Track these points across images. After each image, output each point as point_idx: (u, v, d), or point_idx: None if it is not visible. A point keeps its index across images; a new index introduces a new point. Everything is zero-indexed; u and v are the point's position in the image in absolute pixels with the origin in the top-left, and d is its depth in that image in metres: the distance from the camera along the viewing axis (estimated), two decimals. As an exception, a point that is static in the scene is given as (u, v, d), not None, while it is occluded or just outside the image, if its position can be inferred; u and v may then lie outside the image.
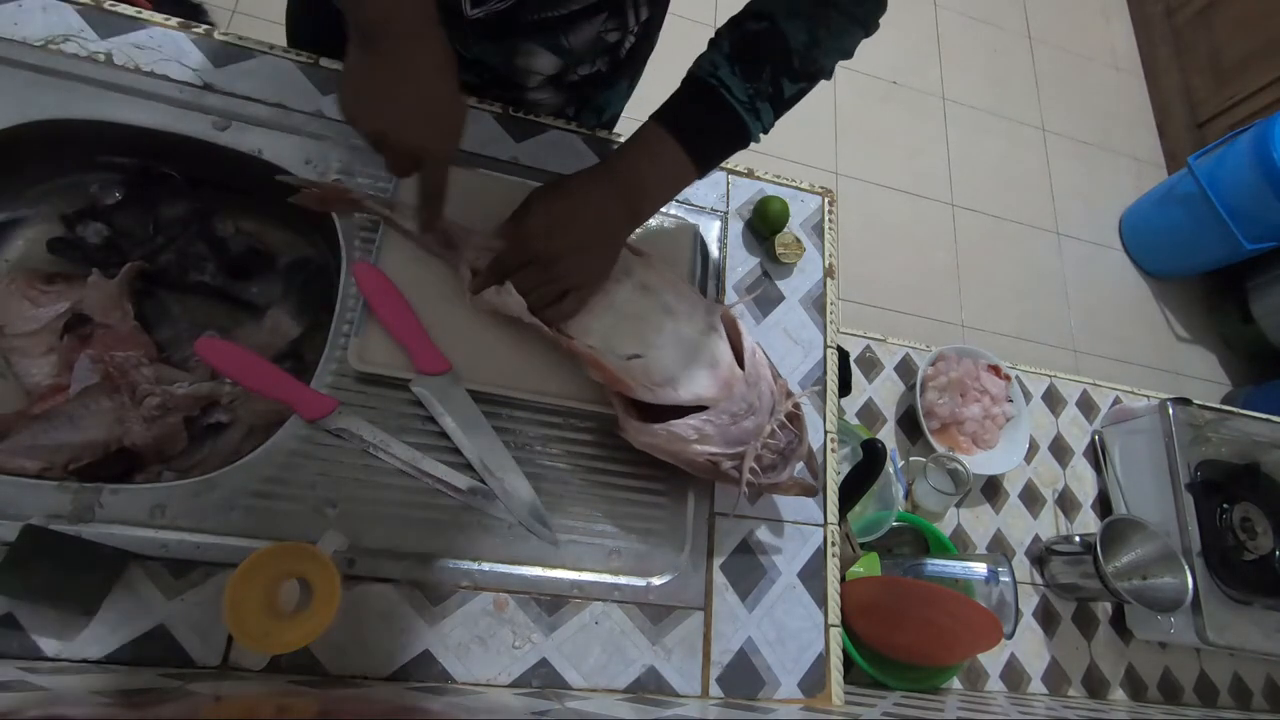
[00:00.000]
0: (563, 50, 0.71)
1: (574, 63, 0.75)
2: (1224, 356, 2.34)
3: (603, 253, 0.61)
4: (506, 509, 0.60)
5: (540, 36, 0.69)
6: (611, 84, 0.84)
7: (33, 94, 0.62)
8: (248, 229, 0.73)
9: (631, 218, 0.61)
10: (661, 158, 0.59)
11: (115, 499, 0.53)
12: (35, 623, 0.49)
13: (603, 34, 0.71)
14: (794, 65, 0.58)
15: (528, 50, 0.71)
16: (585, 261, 0.60)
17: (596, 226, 0.59)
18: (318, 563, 0.51)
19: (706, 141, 0.59)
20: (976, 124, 2.36)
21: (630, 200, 0.60)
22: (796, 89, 0.60)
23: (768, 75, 0.57)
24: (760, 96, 0.58)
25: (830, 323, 0.78)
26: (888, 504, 0.99)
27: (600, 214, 0.59)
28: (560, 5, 0.66)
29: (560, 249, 0.58)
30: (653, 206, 0.62)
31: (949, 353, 1.14)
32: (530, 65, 0.73)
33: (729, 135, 0.60)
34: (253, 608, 0.50)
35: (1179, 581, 0.99)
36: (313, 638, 0.50)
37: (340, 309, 0.62)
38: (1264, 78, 2.28)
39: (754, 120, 0.59)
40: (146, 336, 0.66)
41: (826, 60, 0.59)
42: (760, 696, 0.62)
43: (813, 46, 0.57)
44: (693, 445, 0.58)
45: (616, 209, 0.60)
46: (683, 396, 0.59)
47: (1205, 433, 1.13)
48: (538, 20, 0.67)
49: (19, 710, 0.35)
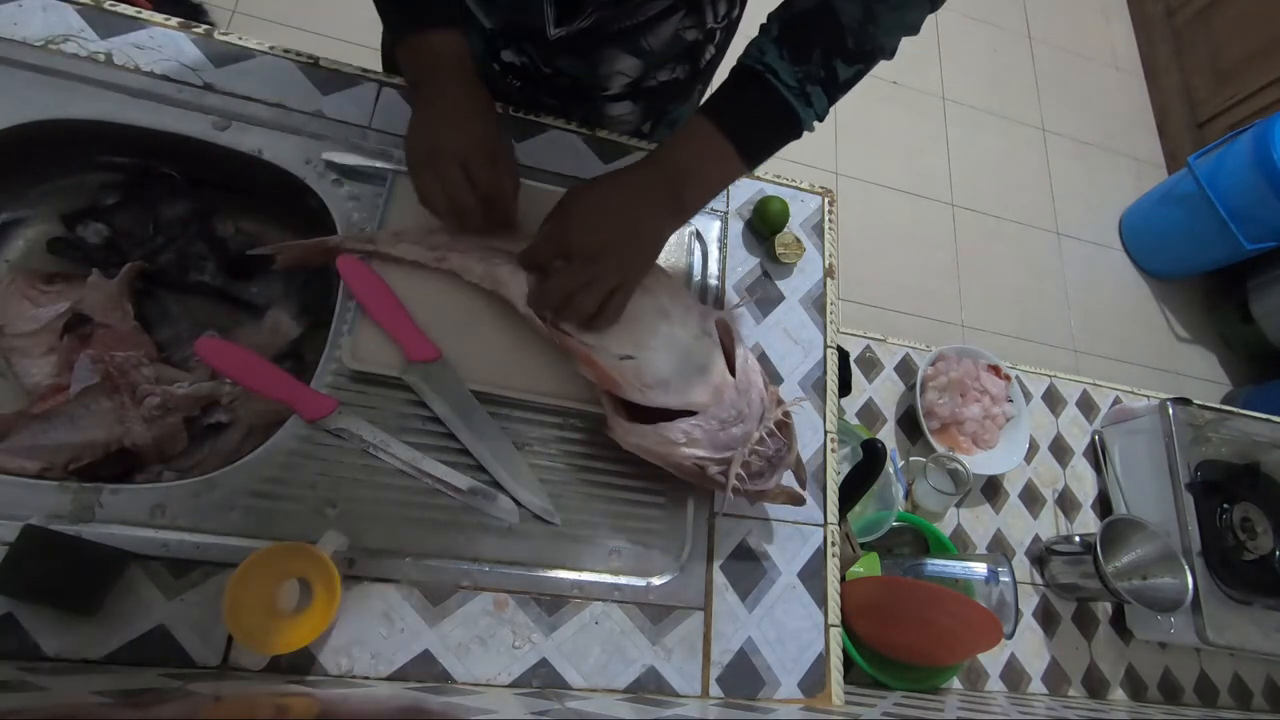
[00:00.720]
0: (644, 52, 0.72)
1: (655, 64, 0.75)
2: (1224, 356, 2.34)
3: (644, 247, 0.59)
4: (508, 494, 0.60)
5: (622, 42, 0.70)
6: (688, 94, 0.84)
7: (33, 94, 0.62)
8: (248, 229, 0.73)
9: (676, 212, 0.59)
10: (706, 150, 0.56)
11: (115, 499, 0.53)
12: (35, 623, 0.49)
13: (681, 32, 0.71)
14: (848, 45, 0.54)
15: (610, 57, 0.72)
16: (626, 256, 0.57)
17: (639, 221, 0.57)
18: (318, 563, 0.51)
19: (753, 131, 0.56)
20: (976, 124, 2.36)
21: (674, 194, 0.58)
22: (852, 71, 0.55)
23: (818, 57, 0.54)
24: (810, 80, 0.54)
25: (830, 323, 0.78)
26: (888, 504, 0.99)
27: (643, 208, 0.57)
28: (639, 13, 0.67)
29: (601, 243, 0.56)
30: (698, 200, 0.60)
31: (949, 353, 1.14)
32: (612, 69, 0.74)
33: (777, 123, 0.56)
34: (253, 608, 0.50)
35: (1179, 581, 0.99)
36: (313, 638, 0.50)
37: (340, 309, 0.62)
38: (1264, 78, 2.28)
39: (804, 106, 0.55)
40: (146, 336, 0.66)
41: (885, 38, 0.55)
42: (760, 696, 0.62)
43: (868, 22, 0.53)
44: (680, 449, 0.58)
45: (660, 203, 0.58)
46: (672, 401, 0.59)
47: (1205, 433, 1.13)
48: (618, 30, 0.68)
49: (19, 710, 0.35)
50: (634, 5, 0.66)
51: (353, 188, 0.67)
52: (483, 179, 0.58)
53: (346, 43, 1.77)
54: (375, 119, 0.71)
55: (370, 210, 0.66)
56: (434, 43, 0.58)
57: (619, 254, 0.57)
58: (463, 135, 0.58)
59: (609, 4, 0.65)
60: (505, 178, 0.60)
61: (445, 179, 0.57)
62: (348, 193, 0.67)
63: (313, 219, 0.67)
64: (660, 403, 0.59)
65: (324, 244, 0.64)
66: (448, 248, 0.63)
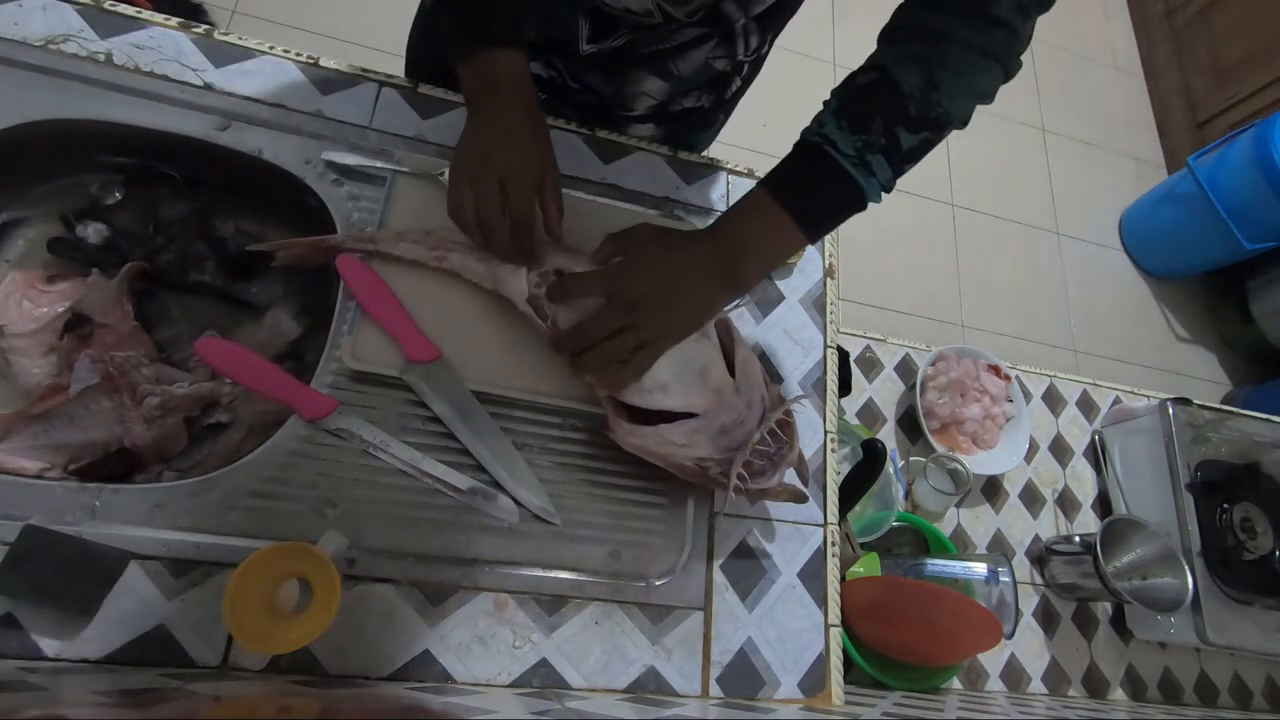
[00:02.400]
0: (672, 76, 0.72)
1: (681, 90, 0.75)
2: (1224, 356, 2.34)
3: (690, 311, 0.57)
4: (508, 494, 0.60)
5: (651, 64, 0.71)
6: (710, 123, 0.84)
7: (33, 94, 0.62)
8: (248, 229, 0.73)
9: (728, 286, 0.58)
10: (764, 221, 0.56)
11: (115, 499, 0.53)
12: (35, 623, 0.49)
13: (711, 61, 0.71)
14: (909, 112, 0.53)
15: (638, 78, 0.73)
16: (667, 315, 0.56)
17: (687, 282, 0.56)
18: (318, 563, 0.51)
19: (811, 202, 0.56)
20: (976, 124, 2.33)
21: (729, 269, 0.57)
22: (918, 140, 0.54)
23: (879, 126, 0.53)
24: (871, 149, 0.53)
25: (830, 323, 0.78)
26: (888, 504, 0.99)
27: (694, 276, 0.56)
28: (671, 38, 0.67)
29: (643, 295, 0.55)
30: (755, 272, 0.59)
31: (949, 353, 1.14)
32: (639, 90, 0.74)
33: (837, 194, 0.55)
34: (253, 608, 0.50)
35: (1179, 581, 0.99)
36: (313, 638, 0.50)
37: (340, 309, 0.62)
38: (1264, 78, 2.28)
39: (865, 176, 0.54)
40: (146, 336, 0.66)
41: (951, 105, 0.53)
42: (760, 696, 0.62)
43: (930, 89, 0.52)
44: (681, 450, 0.58)
45: (713, 275, 0.56)
46: (673, 403, 0.59)
47: (1205, 433, 1.13)
48: (649, 52, 0.68)
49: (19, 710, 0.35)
50: (668, 30, 0.66)
51: (353, 188, 0.67)
52: (521, 200, 0.56)
53: (346, 42, 1.77)
54: (375, 119, 0.71)
55: (370, 210, 0.66)
56: (499, 61, 0.57)
57: (660, 309, 0.55)
58: (513, 153, 0.56)
59: (644, 27, 0.65)
60: (549, 203, 0.58)
61: (480, 193, 0.56)
62: (348, 193, 0.67)
63: (313, 219, 0.67)
64: (660, 405, 0.59)
65: (324, 242, 0.64)
66: (448, 248, 0.63)
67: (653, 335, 0.56)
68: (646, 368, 0.57)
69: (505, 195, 0.56)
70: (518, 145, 0.57)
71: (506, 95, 0.57)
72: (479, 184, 0.56)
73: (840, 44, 2.29)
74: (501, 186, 0.56)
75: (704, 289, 0.57)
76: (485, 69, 0.57)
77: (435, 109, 0.73)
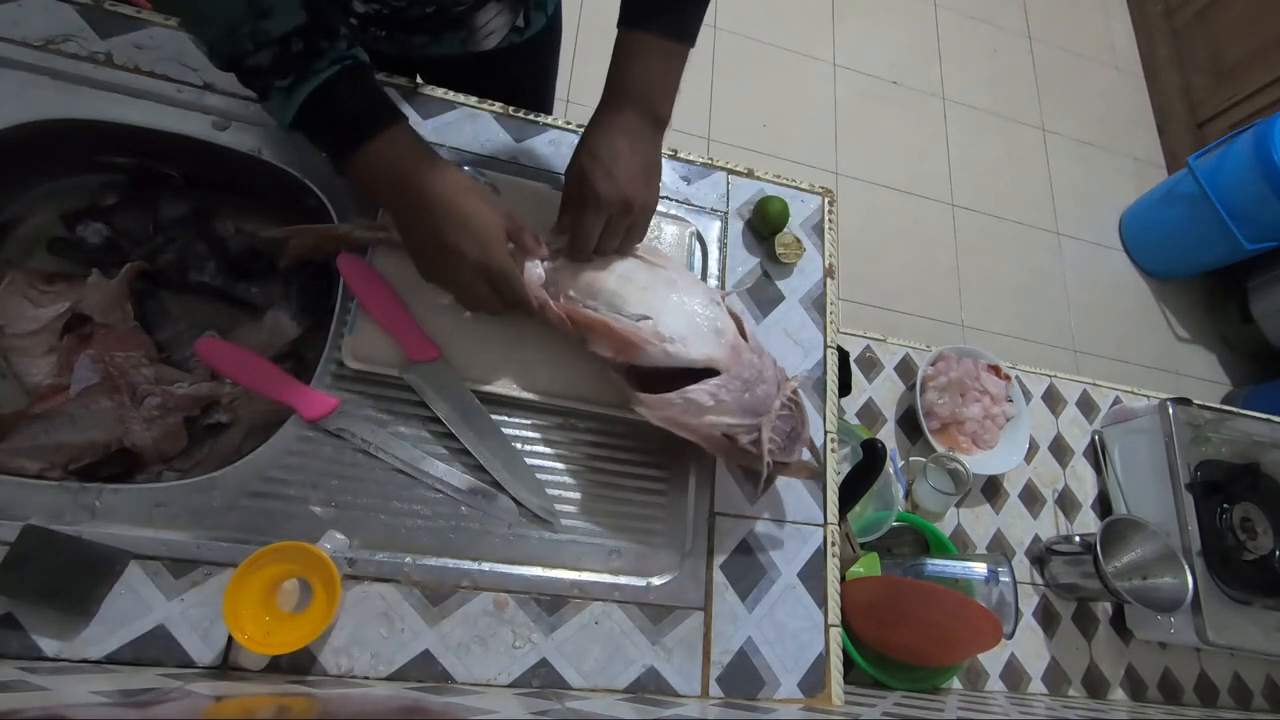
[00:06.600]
0: None
1: None
2: (1224, 356, 2.34)
3: (645, 164, 0.61)
4: (508, 494, 0.60)
5: None
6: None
7: (33, 94, 0.62)
8: (248, 229, 0.73)
9: (659, 128, 0.62)
10: (652, 60, 0.60)
11: (115, 499, 0.53)
12: (35, 623, 0.49)
13: None
14: None
15: None
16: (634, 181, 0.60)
17: (639, 154, 0.60)
18: (318, 563, 0.51)
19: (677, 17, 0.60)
20: (976, 124, 2.36)
21: (651, 117, 0.61)
22: None
23: None
24: None
25: (830, 323, 0.78)
26: (888, 504, 0.99)
27: (635, 143, 0.60)
28: None
29: (611, 190, 0.59)
30: (667, 104, 0.62)
31: (949, 353, 1.14)
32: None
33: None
34: (253, 608, 0.50)
35: (1179, 581, 0.99)
36: (313, 638, 0.50)
37: (340, 308, 0.62)
38: (1264, 78, 2.28)
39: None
40: (146, 336, 0.66)
41: None
42: (760, 696, 0.62)
43: None
44: (709, 415, 0.58)
45: (644, 133, 0.61)
46: (694, 354, 0.59)
47: (1205, 433, 1.13)
48: None
49: (19, 710, 0.35)
50: None
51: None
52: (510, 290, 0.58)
53: (346, 43, 1.77)
54: (375, 119, 0.70)
55: (370, 210, 0.66)
56: (396, 142, 0.54)
57: (627, 181, 0.59)
58: (471, 239, 0.55)
59: None
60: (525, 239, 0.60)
61: (469, 296, 0.58)
62: (348, 192, 0.67)
63: (312, 219, 0.67)
64: (682, 357, 0.59)
65: (334, 230, 0.64)
66: None
67: (638, 201, 0.60)
68: (645, 230, 0.63)
69: (491, 284, 0.57)
70: (467, 227, 0.55)
71: (418, 174, 0.54)
72: (464, 286, 0.57)
73: (840, 44, 2.29)
74: (484, 279, 0.56)
75: (649, 150, 0.61)
76: (378, 159, 0.53)
77: (435, 109, 0.73)
